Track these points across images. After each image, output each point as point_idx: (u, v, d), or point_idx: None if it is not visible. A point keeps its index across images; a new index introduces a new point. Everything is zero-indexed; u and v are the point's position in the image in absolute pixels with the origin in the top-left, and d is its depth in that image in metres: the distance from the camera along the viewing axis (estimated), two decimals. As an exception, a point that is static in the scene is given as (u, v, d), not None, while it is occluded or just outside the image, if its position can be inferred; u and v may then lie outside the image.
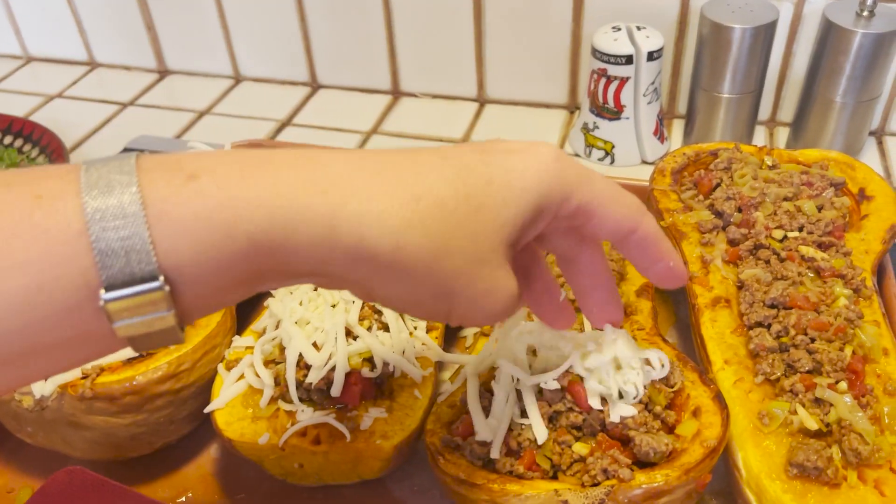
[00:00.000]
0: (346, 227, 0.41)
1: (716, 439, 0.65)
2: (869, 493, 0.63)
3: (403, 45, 1.42)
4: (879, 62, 1.10)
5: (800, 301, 0.75)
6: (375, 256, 0.42)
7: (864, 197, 0.90)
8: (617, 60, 1.16)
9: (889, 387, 0.69)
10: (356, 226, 0.41)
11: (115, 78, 1.60)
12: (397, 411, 0.73)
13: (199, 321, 0.79)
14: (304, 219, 0.41)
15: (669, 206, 0.91)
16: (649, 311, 0.83)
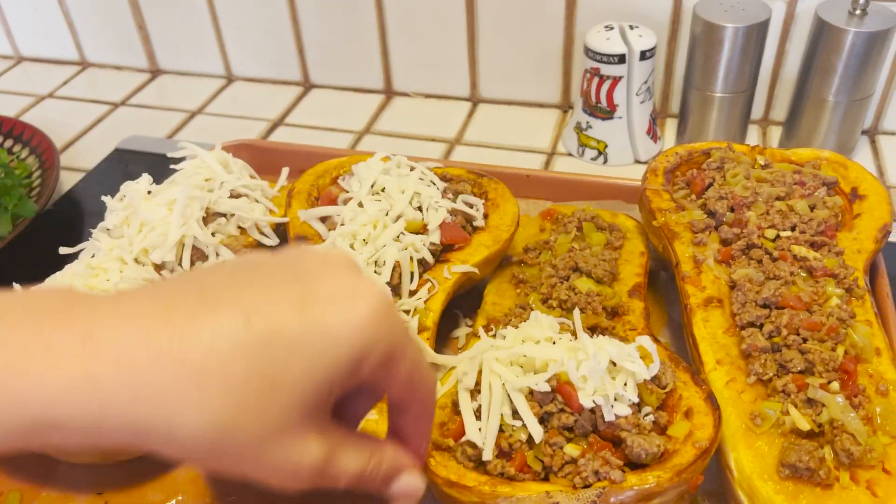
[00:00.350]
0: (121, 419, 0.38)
1: (707, 440, 0.65)
2: (861, 494, 0.63)
3: (396, 45, 1.41)
4: (872, 61, 1.10)
5: (792, 301, 0.75)
6: (150, 437, 0.39)
7: (857, 196, 0.90)
8: (609, 60, 1.15)
9: (881, 387, 0.69)
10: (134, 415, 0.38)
11: (106, 78, 1.59)
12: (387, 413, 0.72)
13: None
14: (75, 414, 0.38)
15: (662, 205, 0.91)
16: (641, 311, 0.83)
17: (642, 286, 0.87)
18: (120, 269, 0.79)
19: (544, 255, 0.91)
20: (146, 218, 0.84)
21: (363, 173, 0.92)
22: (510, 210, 0.95)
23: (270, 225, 0.95)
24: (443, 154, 1.31)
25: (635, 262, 0.91)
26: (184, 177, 0.94)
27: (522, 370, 0.68)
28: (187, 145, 0.99)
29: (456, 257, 0.89)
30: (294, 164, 1.08)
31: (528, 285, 0.88)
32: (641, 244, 0.94)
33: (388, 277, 0.81)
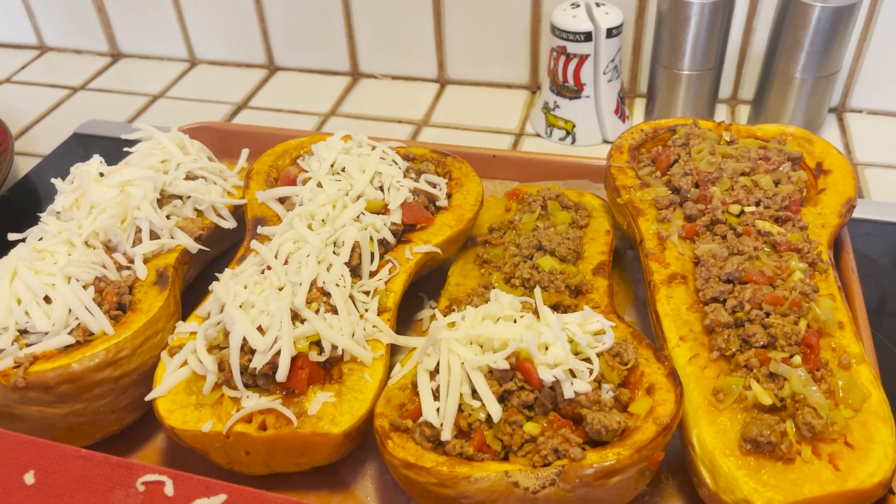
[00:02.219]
0: None
1: (669, 416, 0.64)
2: (823, 468, 0.62)
3: (362, 26, 1.39)
4: (838, 36, 1.09)
5: (755, 276, 0.74)
6: None
7: (822, 171, 0.89)
8: (576, 38, 1.14)
9: (844, 360, 0.69)
10: None
11: (65, 62, 1.55)
12: (346, 395, 0.71)
13: (139, 306, 0.76)
14: None
15: (626, 182, 0.90)
16: (605, 289, 0.82)
17: (607, 264, 0.86)
18: (68, 252, 0.76)
19: (509, 235, 0.90)
20: (96, 200, 0.81)
21: (322, 153, 0.90)
22: (474, 189, 0.93)
23: (228, 207, 0.92)
24: (410, 136, 1.29)
25: (600, 240, 0.90)
26: (138, 158, 0.91)
27: (482, 349, 0.67)
28: (143, 127, 0.96)
29: (418, 237, 0.87)
30: (256, 147, 1.05)
31: (492, 265, 0.87)
32: (607, 223, 0.93)
33: (346, 258, 0.79)
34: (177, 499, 0.56)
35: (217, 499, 0.56)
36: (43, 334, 0.71)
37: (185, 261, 0.86)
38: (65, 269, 0.74)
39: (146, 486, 0.57)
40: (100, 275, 0.77)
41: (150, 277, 0.80)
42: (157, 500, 0.56)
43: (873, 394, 0.66)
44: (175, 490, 0.57)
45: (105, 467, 0.58)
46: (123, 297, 0.77)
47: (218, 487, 0.57)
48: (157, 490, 0.57)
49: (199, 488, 0.57)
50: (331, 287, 0.75)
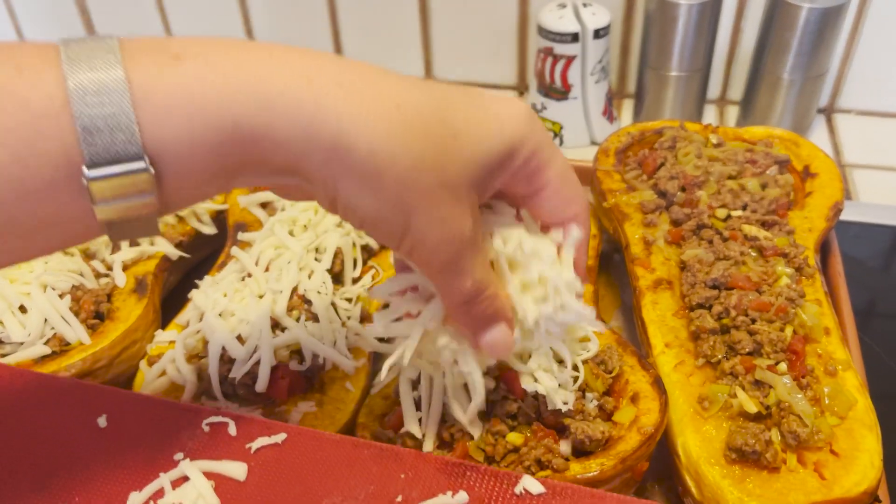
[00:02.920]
0: (326, 120, 0.41)
1: (653, 426, 0.63)
2: (808, 477, 0.61)
3: (347, 26, 1.37)
4: (826, 37, 1.08)
5: (741, 281, 0.73)
6: (350, 154, 0.41)
7: (809, 174, 0.89)
8: (563, 38, 1.13)
9: (830, 367, 0.68)
10: (336, 121, 0.41)
11: (49, 63, 1.54)
12: (328, 405, 0.70)
13: (118, 315, 0.75)
14: (288, 106, 0.40)
15: (612, 186, 0.89)
16: (590, 294, 0.81)
17: (593, 269, 0.85)
18: (45, 260, 0.75)
19: (494, 239, 0.89)
20: (74, 206, 0.80)
21: (305, 157, 0.89)
22: (459, 193, 0.92)
23: (210, 212, 0.91)
24: (396, 138, 1.28)
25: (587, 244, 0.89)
26: (118, 163, 0.90)
27: None
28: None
29: (402, 242, 0.86)
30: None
31: (478, 270, 0.86)
32: (594, 227, 0.92)
33: (328, 264, 0.78)
34: (240, 438, 0.58)
35: (278, 437, 0.59)
36: (18, 344, 0.70)
37: (166, 268, 0.84)
38: (40, 277, 0.72)
39: (211, 426, 0.59)
40: (77, 283, 0.75)
41: (128, 285, 0.78)
42: (222, 439, 0.58)
43: (859, 401, 0.66)
44: (238, 430, 0.59)
45: (173, 410, 0.61)
46: (101, 306, 0.75)
47: (279, 427, 0.59)
48: (222, 430, 0.59)
49: (260, 428, 0.59)
50: (312, 294, 0.74)
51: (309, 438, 0.59)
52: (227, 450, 0.58)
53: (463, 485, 0.55)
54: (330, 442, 0.59)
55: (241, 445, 0.58)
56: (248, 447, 0.58)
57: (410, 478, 0.56)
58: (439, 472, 0.56)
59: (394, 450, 0.59)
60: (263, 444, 0.58)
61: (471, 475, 0.56)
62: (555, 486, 0.55)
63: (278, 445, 0.58)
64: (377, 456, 0.58)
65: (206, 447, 0.58)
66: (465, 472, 0.56)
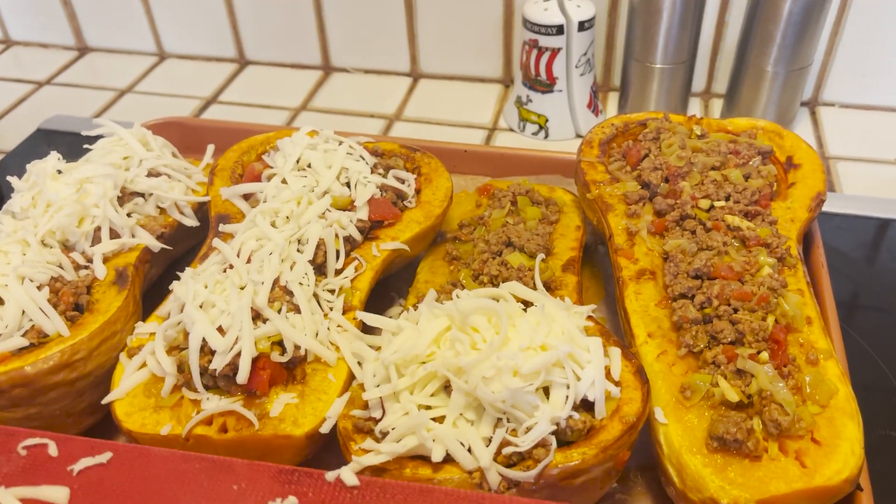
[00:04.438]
0: None
1: (635, 415, 0.63)
2: (790, 465, 0.61)
3: (333, 19, 1.37)
4: (809, 29, 1.09)
5: (724, 271, 0.73)
6: None
7: (792, 165, 0.89)
8: (548, 31, 1.13)
9: (811, 356, 0.68)
10: None
11: (31, 56, 1.52)
12: (310, 396, 0.69)
13: (97, 307, 0.74)
14: None
15: (596, 177, 0.89)
16: (574, 285, 0.81)
17: (577, 260, 0.85)
18: (23, 252, 0.74)
19: (478, 231, 0.89)
20: (52, 198, 0.79)
21: (288, 148, 0.89)
22: (443, 185, 0.92)
23: (192, 205, 0.90)
24: (382, 130, 1.27)
25: (571, 236, 0.89)
26: (98, 155, 0.89)
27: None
28: (104, 122, 0.94)
29: (386, 234, 0.86)
30: (225, 143, 1.03)
31: (462, 262, 0.86)
32: (578, 218, 0.92)
33: (310, 256, 0.77)
34: (61, 460, 0.56)
35: (102, 457, 0.57)
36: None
37: (147, 260, 0.84)
38: (18, 269, 0.71)
39: (28, 449, 0.57)
40: (56, 275, 0.75)
41: (108, 277, 0.78)
42: (42, 462, 0.56)
43: (840, 390, 0.66)
44: (59, 451, 0.57)
45: None
46: (80, 298, 0.75)
47: (103, 446, 0.58)
48: (41, 452, 0.57)
49: (83, 448, 0.57)
50: (294, 286, 0.73)
51: (136, 456, 0.58)
52: (47, 473, 0.56)
53: (293, 489, 0.55)
54: (159, 458, 0.58)
55: (62, 468, 0.56)
56: (71, 469, 0.56)
57: (243, 489, 0.56)
58: (273, 480, 0.56)
59: (226, 462, 0.58)
60: (87, 464, 0.56)
61: (303, 479, 0.56)
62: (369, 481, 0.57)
63: (103, 465, 0.57)
64: (209, 469, 0.57)
65: (24, 472, 0.56)
66: (297, 477, 0.57)
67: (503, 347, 0.62)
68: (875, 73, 1.23)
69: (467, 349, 0.62)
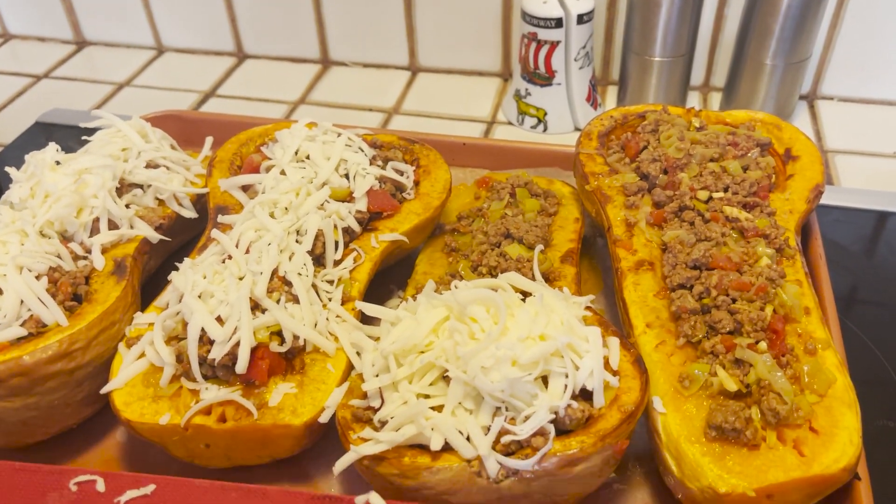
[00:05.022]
0: None
1: (633, 404, 0.63)
2: (788, 454, 0.61)
3: (331, 13, 1.37)
4: (808, 22, 1.09)
5: (722, 261, 0.73)
6: None
7: (790, 157, 0.89)
8: (547, 24, 1.13)
9: (809, 346, 0.68)
10: None
11: (29, 50, 1.52)
12: (308, 386, 0.69)
13: (96, 297, 0.74)
14: None
15: (595, 169, 0.89)
16: (573, 276, 0.81)
17: (575, 252, 0.85)
18: (21, 242, 0.74)
19: (477, 223, 0.89)
20: (51, 189, 0.79)
21: (286, 140, 0.89)
22: (442, 177, 0.92)
23: (190, 196, 0.90)
24: (381, 124, 1.27)
25: (569, 228, 0.89)
26: (97, 146, 0.89)
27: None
28: (103, 114, 0.94)
29: (384, 226, 0.86)
30: (223, 135, 1.03)
31: (460, 253, 0.86)
32: (576, 210, 0.92)
33: (309, 246, 0.77)
34: (108, 494, 0.60)
35: (147, 489, 0.60)
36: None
37: (145, 251, 0.84)
38: (16, 259, 0.71)
39: (78, 486, 0.61)
40: (54, 265, 0.74)
41: (107, 268, 0.78)
42: (90, 496, 0.60)
43: (838, 379, 0.66)
44: (106, 486, 0.61)
45: (37, 475, 0.62)
46: (79, 288, 0.75)
47: (147, 479, 0.61)
48: (90, 488, 0.60)
49: (128, 482, 0.61)
50: (292, 276, 0.73)
51: (178, 487, 0.61)
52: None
53: None
54: (199, 489, 0.61)
55: (109, 500, 0.59)
56: (117, 501, 0.59)
57: None
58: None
59: (261, 490, 0.60)
60: (133, 496, 0.59)
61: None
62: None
63: (147, 497, 0.60)
64: (244, 497, 0.60)
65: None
66: (329, 502, 0.59)
67: (502, 337, 0.62)
68: (873, 67, 1.23)
69: (466, 339, 0.62)
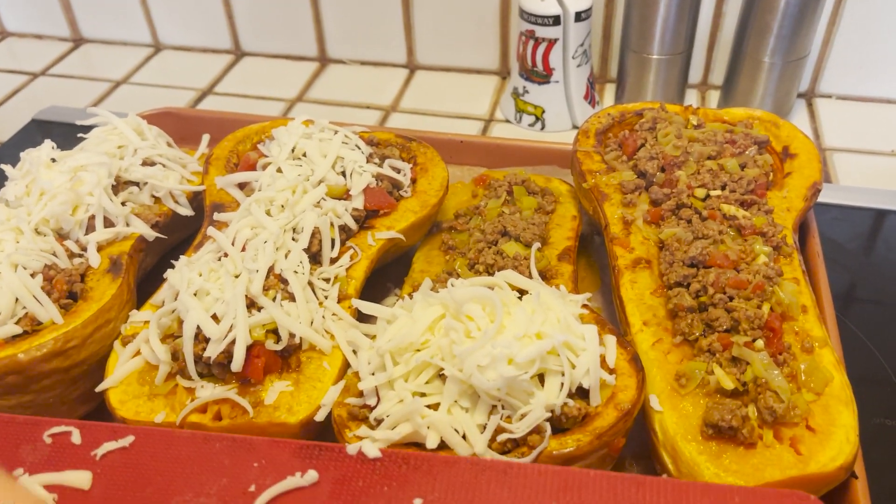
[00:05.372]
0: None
1: (630, 402, 0.63)
2: (785, 452, 0.61)
3: (329, 10, 1.36)
4: (806, 20, 1.08)
5: (719, 259, 0.73)
6: None
7: (788, 155, 0.89)
8: (544, 21, 1.12)
9: (806, 344, 0.68)
10: None
11: (26, 47, 1.51)
12: (304, 384, 0.69)
13: (91, 295, 0.74)
14: None
15: (592, 167, 0.89)
16: (570, 274, 0.80)
17: (572, 250, 0.85)
18: (16, 240, 0.74)
19: (474, 221, 0.89)
20: (46, 186, 0.79)
21: (283, 137, 0.88)
22: (439, 175, 0.91)
23: (187, 194, 0.90)
24: (379, 122, 1.27)
25: (566, 226, 0.88)
26: (93, 143, 0.89)
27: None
28: (99, 111, 0.94)
29: (381, 223, 0.85)
30: (220, 133, 1.02)
31: (457, 251, 0.85)
32: (574, 208, 0.92)
33: (305, 244, 0.77)
34: (84, 446, 0.57)
35: (125, 440, 0.58)
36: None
37: (141, 248, 0.83)
38: (11, 256, 0.71)
39: (53, 437, 0.58)
40: (50, 263, 0.74)
41: (103, 265, 0.77)
42: (66, 449, 0.57)
43: (835, 377, 0.66)
44: (83, 438, 0.58)
45: (10, 426, 0.59)
46: (74, 286, 0.74)
47: (125, 430, 0.59)
48: (65, 440, 0.58)
49: (105, 433, 0.58)
50: (288, 274, 0.73)
51: (158, 438, 0.59)
52: (71, 459, 0.57)
53: (314, 464, 0.56)
54: (181, 439, 0.58)
55: (86, 453, 0.57)
56: (94, 454, 0.57)
57: (264, 465, 0.56)
58: (293, 455, 0.57)
59: (247, 440, 0.58)
60: (110, 448, 0.57)
61: (324, 454, 0.57)
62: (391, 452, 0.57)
63: (126, 449, 0.58)
64: (230, 448, 0.58)
65: (48, 459, 0.57)
66: (318, 452, 0.57)
67: (498, 336, 0.62)
68: (872, 65, 1.23)
69: (462, 337, 0.62)
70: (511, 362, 0.61)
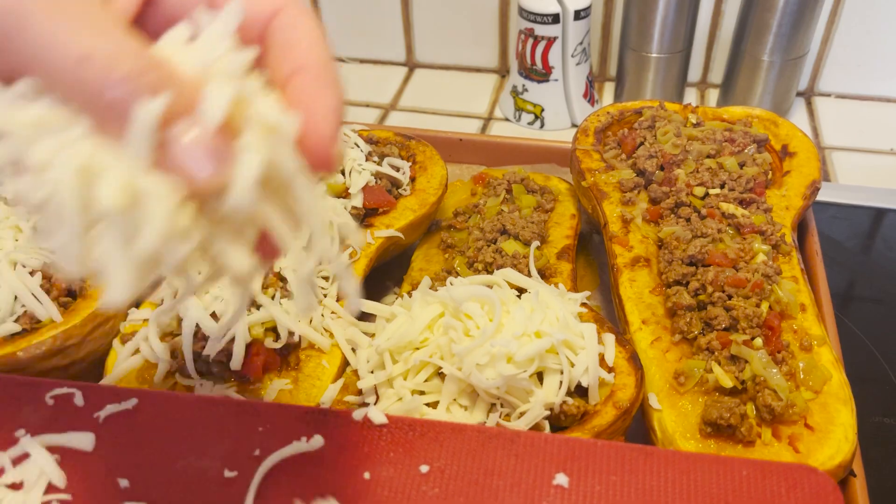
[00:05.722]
0: None
1: (628, 401, 0.63)
2: (783, 450, 0.61)
3: (328, 9, 1.36)
4: (805, 18, 1.08)
5: (718, 258, 0.73)
6: None
7: (787, 153, 0.89)
8: (544, 19, 1.12)
9: (805, 342, 0.68)
10: None
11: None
12: (303, 382, 0.69)
13: (90, 293, 0.74)
14: None
15: (591, 165, 0.89)
16: (569, 273, 0.81)
17: (571, 248, 0.85)
18: (15, 238, 0.74)
19: (473, 219, 0.89)
20: (45, 184, 0.79)
21: (282, 136, 0.88)
22: (438, 173, 0.92)
23: (186, 191, 0.90)
24: (378, 120, 1.27)
25: (565, 224, 0.88)
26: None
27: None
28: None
29: (380, 222, 0.85)
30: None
31: (456, 250, 0.85)
32: (573, 206, 0.92)
33: (304, 242, 0.77)
34: (87, 408, 0.56)
35: (128, 403, 0.57)
36: (-13, 322, 0.69)
37: (140, 246, 0.83)
38: (10, 254, 0.71)
39: (55, 399, 0.57)
40: (48, 260, 0.74)
41: (102, 263, 0.77)
42: (68, 410, 0.57)
43: (834, 376, 0.66)
44: (85, 399, 0.57)
45: (11, 385, 0.58)
46: (73, 284, 0.74)
47: (128, 393, 0.58)
48: (67, 401, 0.57)
49: (109, 395, 0.57)
50: (287, 272, 0.73)
51: (163, 401, 0.57)
52: (73, 421, 0.56)
53: (319, 429, 0.55)
54: (185, 402, 0.57)
55: (88, 415, 0.56)
56: (97, 416, 0.56)
57: (269, 430, 0.55)
58: (298, 420, 0.56)
59: (252, 403, 0.58)
60: (113, 411, 0.56)
61: (330, 419, 0.56)
62: (397, 418, 0.56)
63: (129, 411, 0.56)
64: (235, 412, 0.57)
65: (51, 420, 0.56)
66: (324, 417, 0.56)
67: (497, 334, 0.62)
68: (871, 64, 1.23)
69: (461, 336, 0.62)
70: (510, 361, 0.61)
